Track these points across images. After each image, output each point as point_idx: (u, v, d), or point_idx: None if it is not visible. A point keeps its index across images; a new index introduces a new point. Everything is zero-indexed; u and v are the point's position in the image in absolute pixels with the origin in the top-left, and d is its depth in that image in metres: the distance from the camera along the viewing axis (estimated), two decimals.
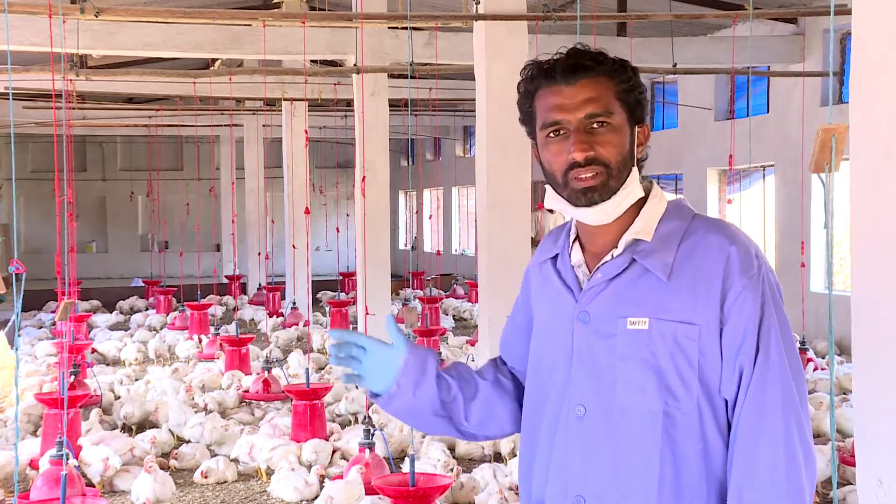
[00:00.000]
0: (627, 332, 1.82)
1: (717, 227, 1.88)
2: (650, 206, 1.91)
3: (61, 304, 6.93)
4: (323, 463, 6.50)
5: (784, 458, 1.76)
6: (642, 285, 1.84)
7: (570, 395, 1.87)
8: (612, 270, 1.87)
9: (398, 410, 1.98)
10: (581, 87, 1.84)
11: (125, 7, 8.68)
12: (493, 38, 7.27)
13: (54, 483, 5.44)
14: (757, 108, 13.12)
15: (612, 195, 1.85)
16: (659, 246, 1.85)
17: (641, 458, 1.80)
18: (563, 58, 1.88)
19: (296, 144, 14.68)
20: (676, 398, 1.80)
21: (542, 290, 2.01)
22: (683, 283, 1.81)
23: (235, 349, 10.18)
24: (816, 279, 11.98)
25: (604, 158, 1.83)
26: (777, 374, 1.79)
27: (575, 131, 1.83)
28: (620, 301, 1.84)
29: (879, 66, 2.94)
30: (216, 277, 16.67)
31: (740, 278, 1.80)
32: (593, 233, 1.92)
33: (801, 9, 11.29)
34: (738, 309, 1.80)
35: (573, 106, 1.84)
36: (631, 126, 1.88)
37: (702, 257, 1.83)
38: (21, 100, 14.54)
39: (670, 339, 1.80)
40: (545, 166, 1.90)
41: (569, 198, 1.87)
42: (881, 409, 3.00)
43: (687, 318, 1.80)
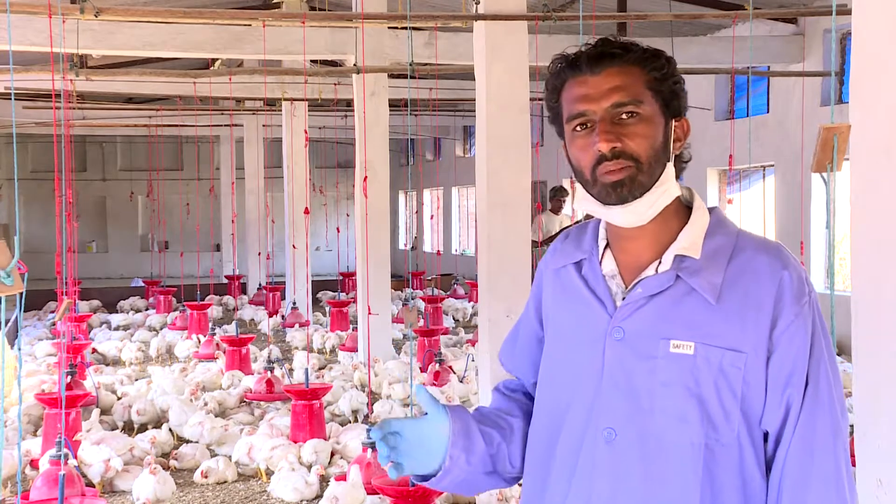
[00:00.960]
0: (670, 355, 1.69)
1: (767, 247, 1.74)
2: (696, 218, 1.76)
3: (62, 304, 6.93)
4: (323, 463, 6.50)
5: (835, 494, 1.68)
6: (688, 306, 1.70)
7: (598, 417, 1.73)
8: (654, 286, 1.72)
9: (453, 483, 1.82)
10: (607, 76, 1.71)
11: (125, 7, 8.67)
12: (493, 38, 7.26)
13: (54, 483, 5.44)
14: (757, 108, 13.12)
15: (645, 192, 1.70)
16: (707, 264, 1.71)
17: (679, 493, 1.68)
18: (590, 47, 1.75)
19: (296, 144, 14.68)
20: (717, 430, 1.68)
21: (561, 296, 1.86)
22: (732, 308, 1.68)
23: (235, 349, 10.18)
24: (816, 279, 11.98)
25: (632, 151, 1.69)
26: (827, 408, 1.69)
27: (601, 122, 1.70)
28: (663, 321, 1.70)
29: (879, 66, 2.94)
30: (216, 277, 16.66)
31: (792, 306, 1.69)
32: (627, 238, 1.78)
33: (801, 9, 11.29)
34: (788, 338, 1.68)
35: (598, 95, 1.71)
36: (666, 118, 1.74)
37: (752, 280, 1.70)
38: (21, 100, 14.54)
39: (716, 366, 1.67)
40: (573, 163, 1.77)
41: (598, 195, 1.73)
42: (881, 409, 3.00)
43: (734, 345, 1.67)
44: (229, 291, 17.31)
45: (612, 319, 1.74)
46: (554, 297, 1.88)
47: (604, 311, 1.76)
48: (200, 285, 14.68)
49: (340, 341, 11.84)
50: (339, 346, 11.67)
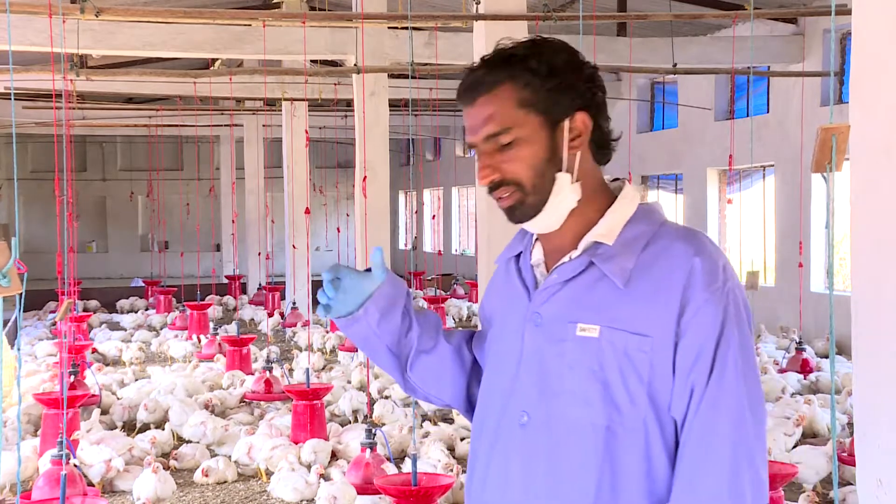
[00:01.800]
0: (577, 338, 1.71)
1: (685, 235, 1.74)
2: (617, 207, 1.78)
3: (63, 304, 6.93)
4: (322, 463, 6.50)
5: (728, 489, 1.64)
6: (598, 291, 1.72)
7: (516, 401, 1.77)
8: (568, 272, 1.76)
9: (356, 335, 1.91)
10: (480, 107, 1.74)
11: (125, 7, 8.68)
12: (493, 38, 7.19)
13: (55, 483, 5.45)
14: (757, 108, 13.12)
15: (539, 210, 1.74)
16: (620, 250, 1.73)
17: (580, 473, 1.69)
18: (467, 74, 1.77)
19: (296, 144, 14.68)
20: (621, 413, 1.68)
21: (502, 287, 1.91)
22: (641, 292, 1.69)
23: (236, 349, 10.19)
24: (816, 279, 11.98)
25: (511, 177, 1.73)
26: (731, 397, 1.66)
27: (480, 155, 1.75)
28: (573, 305, 1.73)
29: (879, 66, 2.94)
30: (216, 277, 16.67)
31: (702, 291, 1.67)
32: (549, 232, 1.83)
33: (801, 9, 11.29)
34: (696, 324, 1.66)
35: (475, 127, 1.75)
36: (550, 127, 1.73)
37: (664, 266, 1.70)
38: (21, 100, 14.54)
39: (621, 350, 1.68)
40: None
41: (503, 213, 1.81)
42: (881, 409, 3.00)
43: (640, 330, 1.68)
44: (229, 291, 17.31)
45: (531, 305, 1.79)
46: (495, 289, 1.94)
47: (526, 297, 1.81)
48: (200, 285, 14.68)
49: (340, 341, 11.84)
50: (338, 346, 11.67)
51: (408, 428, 7.07)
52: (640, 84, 16.07)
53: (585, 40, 9.92)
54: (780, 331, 11.92)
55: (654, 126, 16.13)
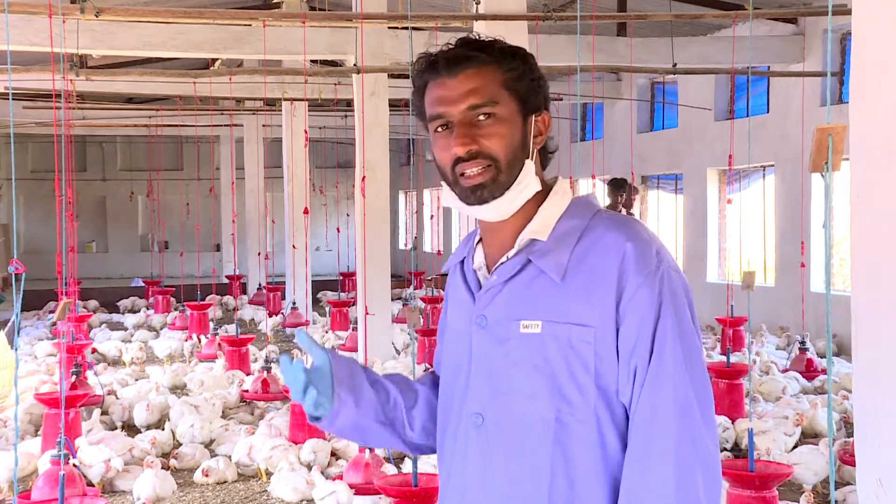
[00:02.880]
0: (521, 336, 1.74)
1: (616, 224, 1.77)
2: (550, 203, 1.81)
3: (61, 303, 6.93)
4: (322, 463, 6.50)
5: (674, 471, 1.65)
6: (536, 287, 1.75)
7: (469, 403, 1.79)
8: (507, 272, 1.78)
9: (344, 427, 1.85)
10: (464, 79, 1.75)
11: (125, 7, 8.68)
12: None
13: (54, 483, 5.44)
14: (757, 108, 13.12)
15: (505, 191, 1.75)
16: (554, 246, 1.76)
17: (533, 468, 1.72)
18: (449, 49, 1.79)
19: (296, 144, 14.68)
20: (571, 404, 1.70)
21: (452, 294, 1.92)
22: (578, 284, 1.72)
23: (235, 349, 10.18)
24: (816, 279, 11.98)
25: (489, 151, 1.74)
26: (671, 378, 1.67)
27: (458, 124, 1.74)
28: (515, 304, 1.76)
29: (879, 66, 2.94)
30: (216, 277, 16.67)
31: (635, 276, 1.69)
32: (491, 231, 1.84)
33: (801, 9, 11.29)
34: (632, 308, 1.69)
35: (455, 98, 1.75)
36: (524, 116, 1.78)
37: (597, 256, 1.73)
38: (21, 100, 14.54)
39: (564, 342, 1.71)
40: (437, 163, 1.81)
41: (460, 195, 1.78)
42: (881, 409, 3.00)
43: (581, 321, 1.70)
44: (229, 291, 17.31)
45: (475, 308, 1.81)
46: (446, 296, 1.96)
47: (472, 301, 1.83)
48: (200, 285, 14.67)
49: (340, 341, 11.84)
50: (338, 346, 11.67)
51: None
52: (640, 84, 16.06)
53: (585, 40, 9.93)
54: (781, 330, 11.92)
55: (654, 126, 16.12)
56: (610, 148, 15.74)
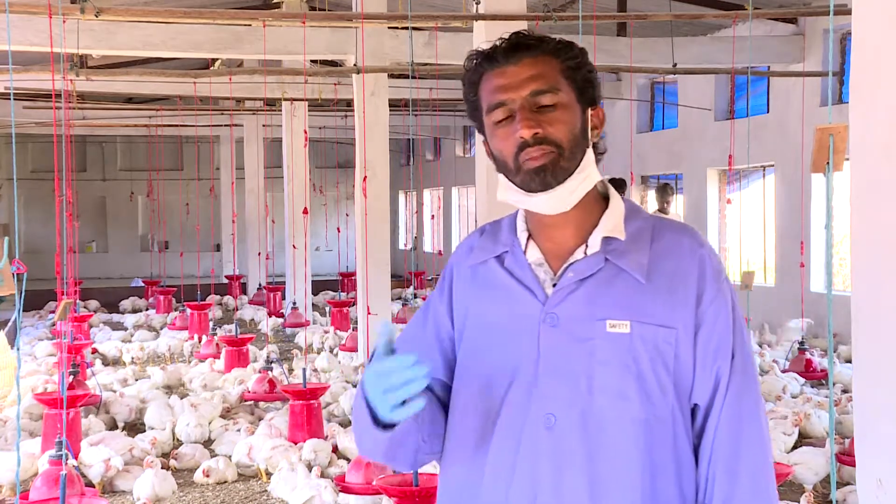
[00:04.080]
0: (607, 335, 1.73)
1: (685, 229, 1.83)
2: (614, 204, 1.82)
3: (61, 303, 6.93)
4: (322, 463, 6.50)
5: (764, 465, 1.76)
6: (619, 286, 1.75)
7: (537, 404, 1.74)
8: (584, 270, 1.76)
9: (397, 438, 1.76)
10: (524, 66, 1.75)
11: (125, 7, 8.68)
12: (493, 38, 7.23)
13: (54, 483, 5.45)
14: (757, 108, 13.12)
15: (567, 178, 1.74)
16: (631, 246, 1.77)
17: (623, 469, 1.71)
18: (505, 40, 1.80)
19: (296, 144, 14.68)
20: (654, 405, 1.73)
21: (482, 291, 1.85)
22: (660, 286, 1.74)
23: (235, 349, 10.18)
24: (816, 279, 11.98)
25: (553, 137, 1.73)
26: (752, 379, 1.77)
27: (520, 110, 1.74)
28: (596, 303, 1.74)
29: (879, 66, 2.94)
30: (216, 277, 16.67)
31: (714, 282, 1.76)
32: (551, 227, 1.80)
33: (801, 9, 11.29)
34: (713, 313, 1.75)
35: (517, 84, 1.75)
36: (582, 106, 1.79)
37: (675, 259, 1.77)
38: (21, 100, 14.53)
39: (651, 343, 1.73)
40: (496, 155, 1.79)
41: (522, 183, 1.75)
42: (881, 409, 3.00)
43: (666, 322, 1.73)
44: (229, 291, 17.30)
45: (545, 306, 1.76)
46: (473, 293, 1.87)
47: (534, 299, 1.78)
48: (200, 285, 14.67)
49: (340, 341, 11.84)
50: (339, 346, 11.67)
51: None
52: (640, 84, 16.07)
53: (585, 40, 9.91)
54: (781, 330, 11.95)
55: (654, 126, 16.13)
56: (610, 148, 15.43)
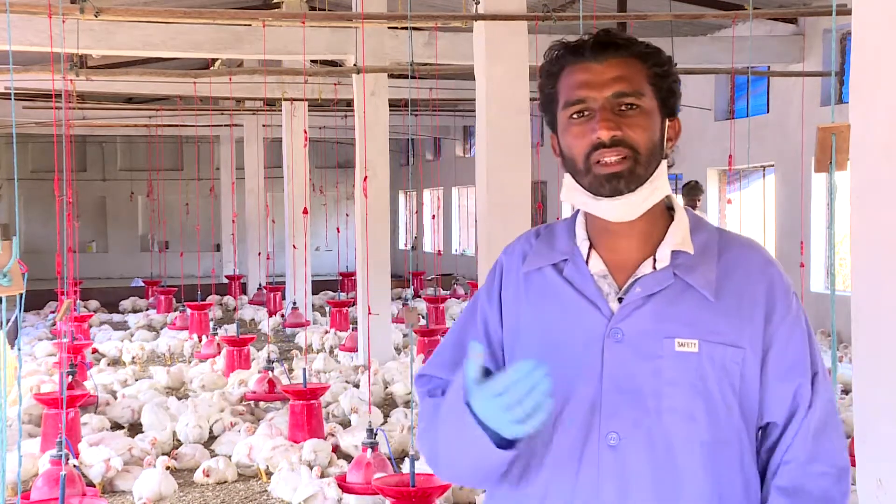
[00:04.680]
0: (675, 354, 1.66)
1: (751, 244, 1.78)
2: (680, 216, 1.75)
3: (62, 304, 6.92)
4: (322, 463, 6.50)
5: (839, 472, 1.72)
6: (687, 304, 1.68)
7: (601, 421, 1.68)
8: (653, 285, 1.69)
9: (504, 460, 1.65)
10: (610, 65, 1.69)
11: (125, 7, 8.68)
12: (493, 38, 7.26)
13: (54, 483, 5.44)
14: (757, 108, 13.12)
15: (640, 186, 1.67)
16: (699, 261, 1.71)
17: (690, 492, 1.66)
18: (593, 36, 1.72)
19: (296, 144, 14.67)
20: (721, 426, 1.68)
21: (538, 299, 1.77)
22: (730, 305, 1.69)
23: (236, 349, 10.18)
24: (817, 279, 11.97)
25: (632, 141, 1.66)
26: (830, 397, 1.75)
27: (601, 110, 1.67)
28: (664, 320, 1.68)
29: (879, 66, 2.94)
30: (216, 277, 16.67)
31: (784, 300, 1.72)
32: (616, 236, 1.73)
33: (801, 9, 11.28)
34: (785, 331, 1.71)
35: (601, 83, 1.68)
36: (662, 115, 1.73)
37: (743, 276, 1.72)
38: (21, 100, 14.53)
39: (719, 363, 1.67)
40: (565, 152, 1.72)
41: (590, 186, 1.68)
42: (881, 409, 3.00)
43: (734, 342, 1.68)
44: (229, 291, 17.30)
45: (611, 321, 1.69)
46: (527, 301, 1.79)
47: (598, 312, 1.71)
48: (201, 285, 14.67)
49: (340, 341, 11.84)
50: (339, 346, 11.67)
51: (407, 428, 7.06)
52: None
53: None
54: None
55: None
56: None
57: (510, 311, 1.81)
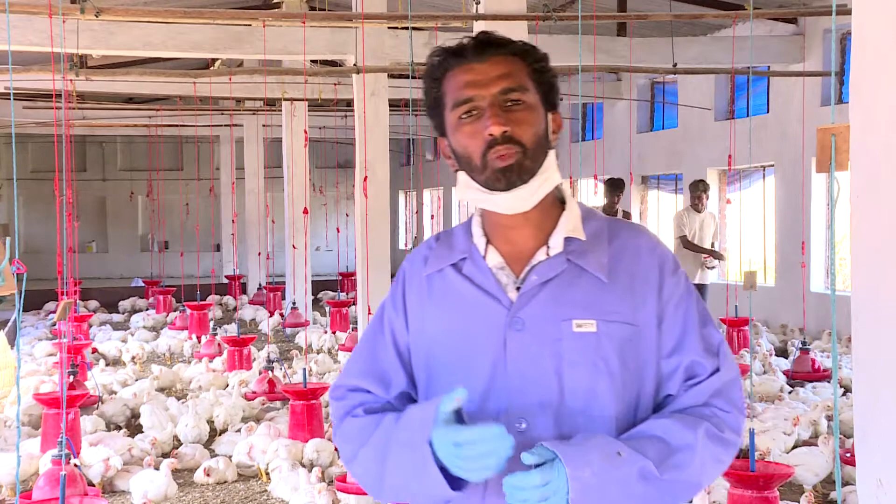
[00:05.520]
0: (574, 335, 1.73)
1: (639, 229, 1.87)
2: (571, 205, 1.83)
3: (61, 303, 6.92)
4: (324, 463, 6.50)
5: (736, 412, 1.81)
6: (582, 286, 1.76)
7: (508, 408, 1.73)
8: (548, 271, 1.76)
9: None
10: (493, 64, 1.75)
11: (125, 7, 8.67)
12: None
13: (55, 483, 5.44)
14: (757, 108, 13.12)
15: (531, 178, 1.74)
16: (591, 246, 1.79)
17: None
18: (473, 38, 1.79)
19: (296, 144, 14.68)
20: (624, 402, 1.75)
21: (441, 300, 1.83)
22: (622, 284, 1.77)
23: (237, 349, 10.18)
24: (817, 279, 11.98)
25: (519, 137, 1.72)
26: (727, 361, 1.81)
27: (490, 107, 1.73)
28: (561, 303, 1.75)
29: (879, 66, 2.94)
30: (216, 277, 16.68)
31: (672, 278, 1.80)
32: (510, 229, 1.80)
33: (801, 9, 11.29)
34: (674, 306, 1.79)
35: (486, 81, 1.74)
36: (545, 109, 1.79)
37: (634, 258, 1.80)
38: (21, 100, 14.53)
39: (616, 340, 1.74)
40: (459, 152, 1.77)
41: (486, 182, 1.74)
42: (881, 409, 3.00)
43: (630, 320, 1.76)
44: (229, 291, 17.30)
45: (510, 311, 1.75)
46: (432, 302, 1.84)
47: (498, 304, 1.77)
48: (200, 285, 14.68)
49: (339, 341, 11.84)
50: (338, 346, 11.67)
51: None
52: (640, 84, 16.06)
53: (585, 40, 9.92)
54: (781, 329, 11.97)
55: (654, 126, 16.12)
56: (610, 148, 15.74)
57: (415, 315, 1.86)
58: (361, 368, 1.90)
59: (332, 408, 1.93)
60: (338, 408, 1.91)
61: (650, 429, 1.73)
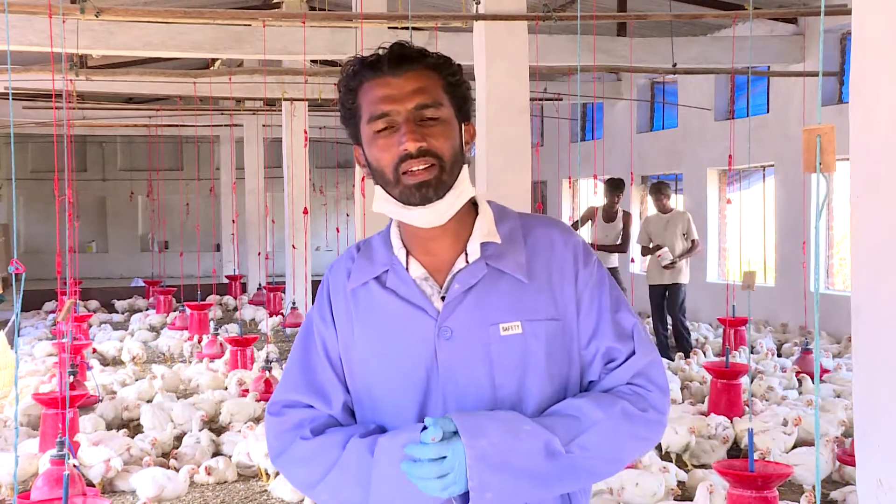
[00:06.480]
0: (502, 338, 1.76)
1: (550, 221, 1.90)
2: (484, 209, 1.85)
3: (65, 304, 6.93)
4: None
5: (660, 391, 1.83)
6: (503, 289, 1.78)
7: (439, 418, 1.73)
8: (469, 279, 1.78)
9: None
10: (409, 78, 1.77)
11: (125, 7, 8.67)
12: (493, 38, 7.26)
13: (55, 483, 5.44)
14: (757, 108, 13.12)
15: (447, 192, 1.75)
16: (507, 248, 1.81)
17: None
18: (389, 51, 1.80)
19: (296, 144, 14.68)
20: (552, 398, 1.78)
21: (366, 314, 1.83)
22: (542, 281, 1.80)
23: (238, 349, 10.17)
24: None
25: (436, 150, 1.74)
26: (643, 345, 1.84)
27: (405, 122, 1.74)
28: (485, 309, 1.77)
29: (879, 66, 2.94)
30: (216, 277, 16.68)
31: (586, 267, 1.84)
32: (429, 240, 1.82)
33: (801, 9, 11.29)
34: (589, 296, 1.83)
35: (402, 97, 1.75)
36: (459, 121, 1.82)
37: (548, 252, 1.83)
38: (21, 100, 14.53)
39: (542, 338, 1.77)
40: (373, 165, 1.79)
41: (401, 196, 1.76)
42: (881, 409, 3.00)
43: (552, 315, 1.79)
44: (229, 291, 17.30)
45: (438, 321, 1.77)
46: (358, 318, 1.85)
47: (425, 315, 1.79)
48: (201, 285, 14.67)
49: None
50: None
51: None
52: (640, 84, 16.06)
53: (585, 40, 9.92)
54: (781, 329, 11.99)
55: (654, 126, 16.12)
56: (610, 148, 15.74)
57: (343, 328, 1.87)
58: (298, 383, 1.88)
59: (269, 424, 1.89)
60: (276, 424, 1.87)
61: (563, 408, 1.76)
